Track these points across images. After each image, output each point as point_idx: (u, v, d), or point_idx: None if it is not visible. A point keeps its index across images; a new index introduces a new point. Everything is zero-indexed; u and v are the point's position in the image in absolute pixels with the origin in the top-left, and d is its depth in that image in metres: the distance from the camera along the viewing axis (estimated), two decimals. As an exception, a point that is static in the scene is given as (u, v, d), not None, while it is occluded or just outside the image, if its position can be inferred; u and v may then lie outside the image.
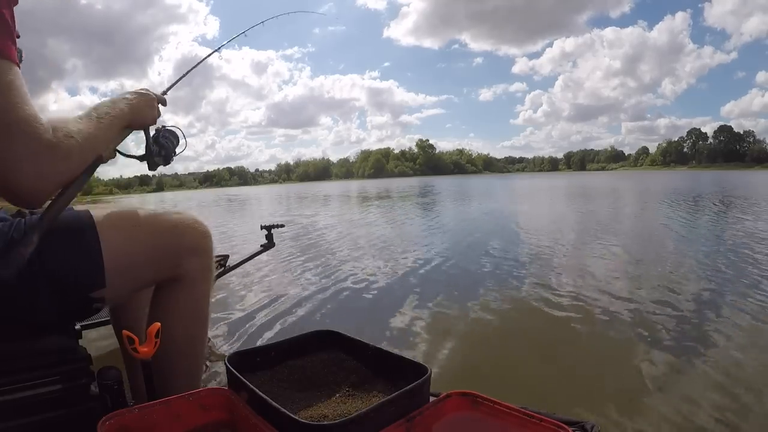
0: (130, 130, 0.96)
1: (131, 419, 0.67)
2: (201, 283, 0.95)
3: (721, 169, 74.35)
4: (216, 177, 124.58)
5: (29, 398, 0.74)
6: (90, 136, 0.77)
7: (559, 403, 1.50)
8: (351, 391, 0.80)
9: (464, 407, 0.71)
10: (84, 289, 0.81)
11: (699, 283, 3.01)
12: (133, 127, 0.96)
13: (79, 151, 0.73)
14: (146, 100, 0.96)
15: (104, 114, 0.84)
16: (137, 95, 0.95)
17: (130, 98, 0.92)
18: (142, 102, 0.95)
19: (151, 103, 0.97)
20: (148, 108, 0.96)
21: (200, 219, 0.97)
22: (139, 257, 0.87)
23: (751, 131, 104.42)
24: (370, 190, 25.83)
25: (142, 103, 0.94)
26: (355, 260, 4.26)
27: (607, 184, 23.10)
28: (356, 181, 76.69)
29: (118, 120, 0.86)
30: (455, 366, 1.90)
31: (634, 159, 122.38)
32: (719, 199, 10.49)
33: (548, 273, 3.43)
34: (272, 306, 2.82)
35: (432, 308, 2.64)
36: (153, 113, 0.98)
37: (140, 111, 0.94)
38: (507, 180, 38.67)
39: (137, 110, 0.93)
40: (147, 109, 0.96)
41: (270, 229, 2.42)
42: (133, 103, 0.92)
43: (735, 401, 1.48)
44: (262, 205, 16.77)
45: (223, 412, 0.75)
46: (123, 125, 0.89)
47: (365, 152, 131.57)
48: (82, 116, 0.80)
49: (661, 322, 2.25)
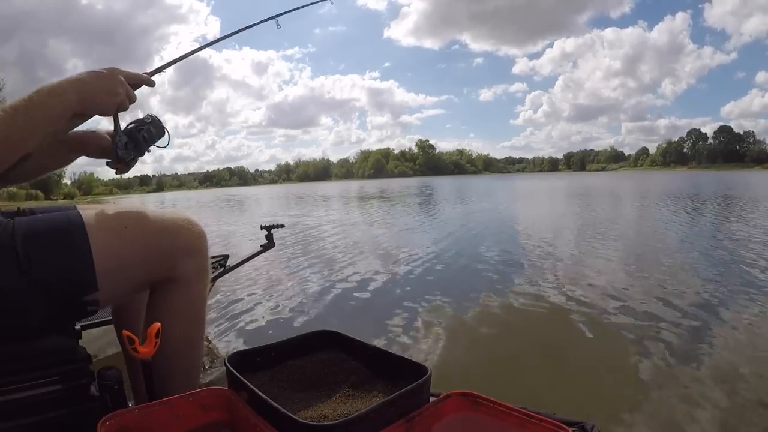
0: (83, 118, 0.84)
1: (131, 419, 0.67)
2: (196, 284, 0.93)
3: (721, 170, 74.37)
4: (216, 177, 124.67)
5: (29, 398, 0.74)
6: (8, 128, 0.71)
7: (559, 403, 1.50)
8: (351, 391, 0.80)
9: (464, 407, 0.71)
10: (76, 293, 0.79)
11: (699, 283, 3.01)
12: (87, 116, 0.84)
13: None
14: (106, 84, 0.82)
15: (35, 102, 0.75)
16: (94, 77, 0.82)
17: (83, 81, 0.80)
18: (99, 86, 0.82)
19: (111, 88, 0.82)
20: (106, 93, 0.82)
21: (194, 219, 0.94)
22: (132, 259, 0.85)
23: (751, 132, 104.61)
24: (369, 190, 25.82)
25: (98, 87, 0.81)
26: (355, 260, 4.26)
27: (608, 184, 23.08)
28: (356, 182, 76.70)
29: (55, 109, 0.77)
30: (455, 366, 1.90)
31: (634, 159, 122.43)
32: (721, 200, 10.49)
33: (548, 274, 3.43)
34: (272, 306, 2.82)
35: (432, 308, 2.64)
36: (113, 99, 0.83)
37: (94, 97, 0.81)
38: (507, 181, 38.64)
39: (90, 96, 0.80)
40: (104, 95, 0.82)
41: (270, 229, 2.41)
42: (84, 88, 0.80)
43: (734, 401, 1.48)
44: (260, 206, 16.77)
45: (223, 412, 0.75)
46: (67, 115, 0.79)
47: (365, 152, 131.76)
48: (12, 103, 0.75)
49: (661, 323, 2.25)
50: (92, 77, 0.81)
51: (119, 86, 0.83)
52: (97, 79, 0.81)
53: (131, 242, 0.85)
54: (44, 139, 0.79)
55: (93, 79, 0.81)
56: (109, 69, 0.84)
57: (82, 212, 0.84)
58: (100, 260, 0.80)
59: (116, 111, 0.87)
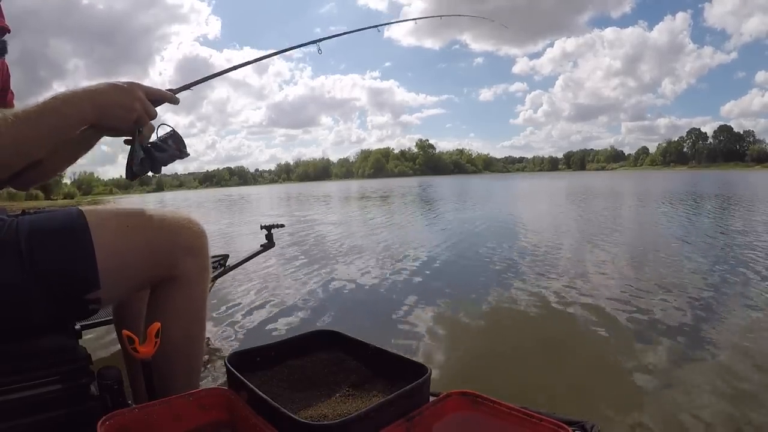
0: (99, 132, 0.83)
1: (131, 419, 0.67)
2: (197, 283, 0.93)
3: (720, 169, 74.41)
4: (216, 177, 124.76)
5: (29, 398, 0.74)
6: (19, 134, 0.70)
7: (559, 403, 1.50)
8: (351, 391, 0.80)
9: (464, 407, 0.71)
10: (78, 291, 0.80)
11: (701, 282, 3.01)
12: (103, 129, 0.82)
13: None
14: (123, 98, 0.79)
15: (49, 108, 0.73)
16: (111, 89, 0.79)
17: (100, 91, 0.78)
18: (116, 99, 0.78)
19: (128, 103, 0.79)
20: (121, 107, 0.79)
21: (195, 218, 0.95)
22: (133, 257, 0.85)
23: (751, 131, 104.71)
24: (369, 191, 25.82)
25: (114, 99, 0.78)
26: (355, 260, 4.26)
27: (608, 185, 23.07)
28: (356, 181, 76.71)
29: (69, 118, 0.75)
30: (455, 366, 1.90)
31: (634, 159, 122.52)
32: (723, 200, 10.49)
33: (548, 274, 3.43)
34: (272, 306, 2.82)
35: (432, 308, 2.64)
36: (130, 115, 0.80)
37: (110, 109, 0.78)
38: (506, 181, 38.63)
39: (105, 108, 0.78)
40: (119, 108, 0.79)
41: (270, 229, 2.42)
42: (100, 99, 0.77)
43: (735, 401, 1.48)
44: (260, 205, 16.77)
45: (223, 412, 0.75)
46: (81, 125, 0.78)
47: (365, 152, 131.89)
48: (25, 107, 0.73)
49: (663, 323, 2.25)
50: (109, 88, 0.79)
51: (136, 101, 0.80)
52: (114, 92, 0.79)
53: (133, 241, 0.85)
54: (55, 147, 0.77)
55: (110, 90, 0.78)
56: (129, 83, 0.81)
57: (85, 211, 0.84)
58: (103, 258, 0.80)
59: (134, 127, 0.83)
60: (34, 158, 0.76)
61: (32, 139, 0.73)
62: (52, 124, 0.74)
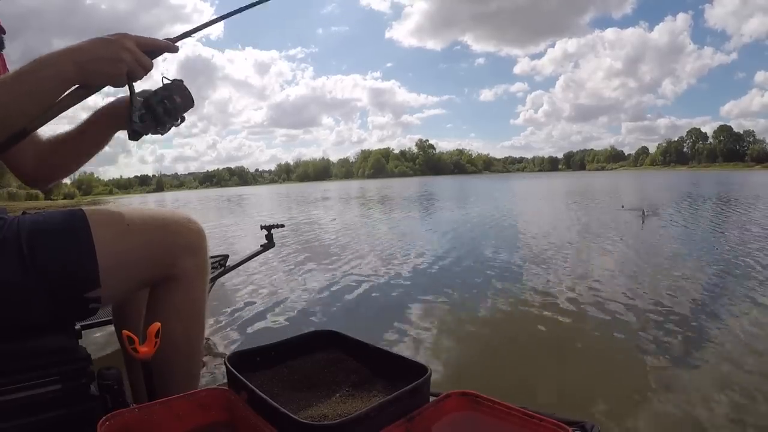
0: (89, 89, 0.77)
1: (131, 419, 0.67)
2: (197, 283, 0.93)
3: (720, 169, 74.35)
4: (216, 177, 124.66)
5: (29, 398, 0.74)
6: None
7: (559, 403, 1.50)
8: (351, 391, 0.80)
9: (464, 407, 0.71)
10: (79, 290, 0.80)
11: (702, 283, 3.01)
12: (93, 86, 0.76)
13: None
14: (109, 51, 0.73)
15: (25, 73, 0.70)
16: (95, 43, 0.74)
17: (80, 48, 0.73)
18: (100, 53, 0.73)
19: (114, 54, 0.74)
20: (107, 60, 0.74)
21: (194, 218, 0.95)
22: (133, 256, 0.86)
23: (751, 131, 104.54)
24: (368, 191, 25.81)
25: (98, 54, 0.73)
26: (355, 260, 4.26)
27: (608, 185, 23.06)
28: (356, 181, 76.69)
29: (49, 81, 0.71)
30: (455, 366, 1.90)
31: (634, 159, 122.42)
32: (723, 200, 10.49)
33: (549, 275, 3.43)
34: (272, 306, 2.82)
35: (432, 308, 2.64)
36: (118, 70, 0.75)
37: (95, 65, 0.73)
38: (506, 181, 38.60)
39: (89, 64, 0.73)
40: (105, 61, 0.74)
41: (270, 229, 2.42)
42: (81, 56, 0.73)
43: (735, 401, 1.48)
44: (259, 205, 16.77)
45: (223, 411, 0.75)
46: (64, 86, 0.73)
47: (365, 152, 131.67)
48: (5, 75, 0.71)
49: (664, 323, 2.25)
50: (92, 44, 0.74)
51: (124, 52, 0.74)
52: (97, 46, 0.74)
53: (133, 240, 0.86)
54: (42, 115, 0.73)
55: (93, 45, 0.74)
56: (117, 34, 0.76)
57: (86, 211, 0.85)
58: (103, 257, 0.81)
59: (129, 80, 0.77)
60: (15, 127, 0.72)
61: (9, 105, 0.70)
62: (28, 89, 0.71)
